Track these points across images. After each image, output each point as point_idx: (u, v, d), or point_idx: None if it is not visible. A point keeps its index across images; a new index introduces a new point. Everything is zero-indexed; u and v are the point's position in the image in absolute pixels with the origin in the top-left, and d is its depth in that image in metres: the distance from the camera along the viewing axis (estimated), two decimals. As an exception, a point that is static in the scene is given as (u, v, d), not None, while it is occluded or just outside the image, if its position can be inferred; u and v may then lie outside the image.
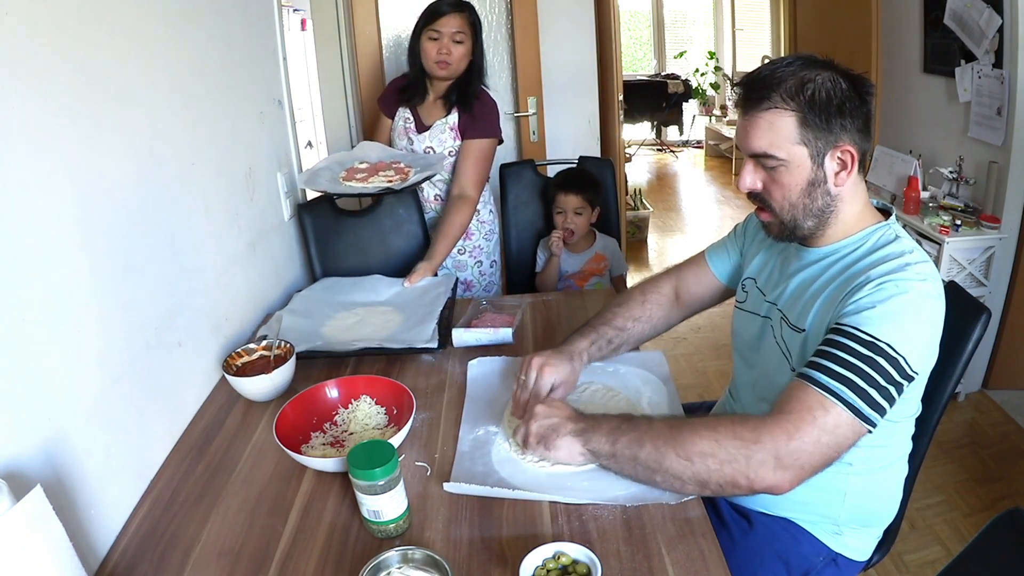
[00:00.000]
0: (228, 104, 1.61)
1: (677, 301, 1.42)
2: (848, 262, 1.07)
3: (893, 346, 0.94)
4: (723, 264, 1.39)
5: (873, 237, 1.08)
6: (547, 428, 1.07)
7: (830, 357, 0.96)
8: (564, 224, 2.25)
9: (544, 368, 1.21)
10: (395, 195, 2.05)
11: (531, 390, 1.21)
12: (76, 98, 1.02)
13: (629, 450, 0.99)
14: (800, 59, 1.04)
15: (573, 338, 1.32)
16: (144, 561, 0.99)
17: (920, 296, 0.97)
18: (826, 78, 1.01)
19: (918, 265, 1.00)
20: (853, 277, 1.03)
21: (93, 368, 1.03)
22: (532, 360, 1.23)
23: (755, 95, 1.04)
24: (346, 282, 1.86)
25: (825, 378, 0.95)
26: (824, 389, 0.94)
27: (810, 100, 1.00)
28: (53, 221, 0.96)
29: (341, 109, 2.96)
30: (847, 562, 1.18)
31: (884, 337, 0.94)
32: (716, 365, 3.03)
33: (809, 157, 1.03)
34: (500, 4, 2.94)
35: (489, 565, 0.93)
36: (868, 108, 1.03)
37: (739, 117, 1.09)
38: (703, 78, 7.05)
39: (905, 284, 0.97)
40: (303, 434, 1.21)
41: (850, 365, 0.94)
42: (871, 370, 0.94)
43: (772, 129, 1.03)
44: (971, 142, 2.57)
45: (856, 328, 0.96)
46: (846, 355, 0.95)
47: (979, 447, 2.33)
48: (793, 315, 1.12)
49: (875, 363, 0.94)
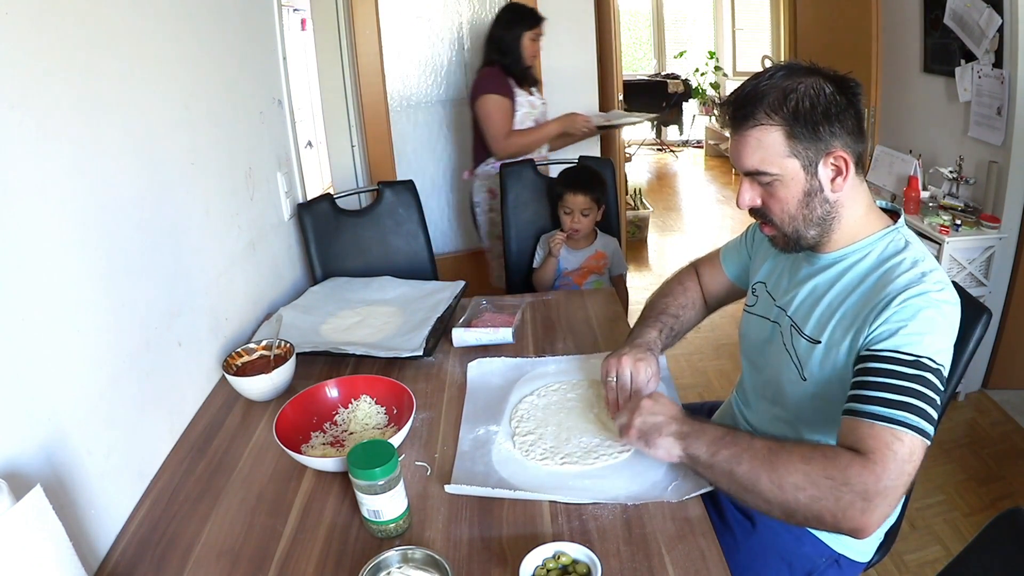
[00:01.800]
0: (228, 104, 1.61)
1: (702, 295, 1.44)
2: (861, 272, 1.06)
3: (933, 359, 0.94)
4: (734, 265, 1.39)
5: (883, 243, 1.07)
6: (651, 426, 1.05)
7: (882, 387, 0.94)
8: (571, 224, 2.24)
9: (638, 364, 1.19)
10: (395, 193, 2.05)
11: (632, 387, 1.18)
12: (76, 98, 1.02)
13: (728, 465, 0.97)
14: (782, 69, 1.03)
15: (641, 331, 1.30)
16: (144, 561, 0.99)
17: (942, 305, 0.97)
18: (809, 85, 1.00)
19: (933, 273, 0.99)
20: (872, 293, 1.02)
21: (93, 368, 1.03)
22: (622, 359, 1.20)
23: (740, 113, 1.03)
24: (357, 282, 1.87)
25: (886, 410, 0.92)
26: (891, 421, 0.92)
27: (794, 111, 0.99)
28: (53, 221, 0.96)
29: (341, 109, 2.96)
30: (849, 563, 1.18)
31: (924, 353, 0.94)
32: (716, 365, 3.03)
33: (802, 168, 1.02)
34: (500, 4, 2.94)
35: (489, 565, 0.93)
36: (857, 109, 1.02)
37: (730, 136, 1.09)
38: (703, 78, 7.04)
39: (928, 297, 0.96)
40: (303, 434, 1.21)
41: (905, 390, 0.93)
42: (923, 388, 0.93)
43: (761, 146, 1.02)
44: (971, 142, 2.57)
45: (897, 352, 0.95)
46: (896, 380, 0.93)
47: (979, 447, 2.33)
48: (807, 325, 1.10)
49: (924, 380, 0.93)
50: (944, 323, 0.97)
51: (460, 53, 3.02)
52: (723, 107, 1.08)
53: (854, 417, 0.94)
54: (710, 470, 1.00)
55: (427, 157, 3.10)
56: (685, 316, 1.39)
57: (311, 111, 4.20)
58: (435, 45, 2.98)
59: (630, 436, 1.07)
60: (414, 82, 3.01)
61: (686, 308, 1.40)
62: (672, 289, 1.43)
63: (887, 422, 0.91)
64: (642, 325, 1.34)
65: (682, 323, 1.38)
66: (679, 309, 1.38)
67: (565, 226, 2.27)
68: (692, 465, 1.02)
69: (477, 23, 2.99)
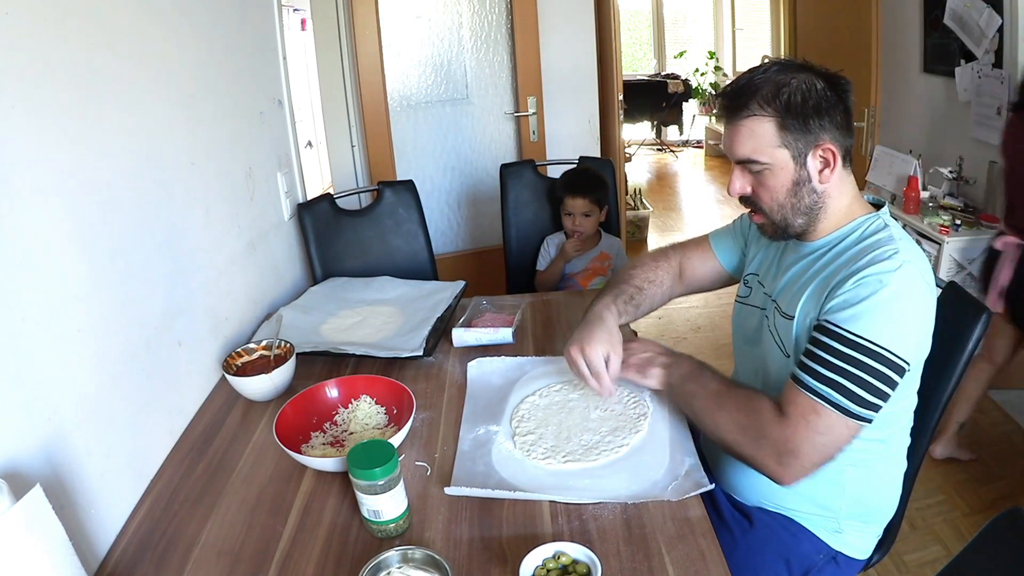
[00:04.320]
0: (228, 104, 1.61)
1: (680, 277, 1.43)
2: (837, 252, 1.09)
3: (878, 342, 0.96)
4: (730, 254, 1.40)
5: (861, 227, 1.09)
6: (644, 360, 1.23)
7: (816, 359, 1.00)
8: (573, 226, 2.24)
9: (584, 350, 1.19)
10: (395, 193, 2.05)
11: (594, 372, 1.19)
12: (76, 98, 1.02)
13: (688, 398, 1.16)
14: (776, 65, 1.08)
15: (592, 304, 1.30)
16: (144, 561, 0.99)
17: (903, 286, 0.98)
18: (801, 80, 1.04)
19: (901, 253, 1.00)
20: (839, 269, 1.05)
21: (93, 368, 1.03)
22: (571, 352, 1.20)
23: (734, 104, 1.08)
24: (357, 282, 1.87)
25: (813, 381, 0.99)
26: (813, 393, 0.99)
27: (786, 104, 1.03)
28: (53, 221, 0.96)
29: (341, 109, 2.96)
30: (847, 560, 1.19)
31: (868, 335, 0.96)
32: (716, 365, 2.99)
33: (791, 158, 1.06)
34: (500, 4, 2.94)
35: (489, 565, 0.93)
36: (846, 105, 1.06)
37: (723, 126, 1.13)
38: (703, 78, 7.04)
39: (887, 276, 0.98)
40: (303, 434, 1.21)
41: (835, 367, 0.97)
42: (857, 370, 0.96)
43: (753, 135, 1.06)
44: (971, 142, 2.57)
45: (840, 327, 0.98)
46: (831, 357, 0.98)
47: (979, 447, 2.33)
48: (784, 303, 1.14)
49: (861, 363, 0.96)
50: (900, 306, 0.98)
51: (460, 53, 3.02)
52: (719, 98, 1.13)
53: (791, 380, 1.03)
54: (679, 397, 1.19)
55: (427, 157, 3.10)
56: (650, 291, 1.38)
57: (311, 111, 4.20)
58: (435, 45, 2.98)
59: (629, 372, 1.22)
60: (414, 82, 3.00)
61: (652, 284, 1.38)
62: (643, 262, 1.43)
63: (811, 393, 0.99)
64: (600, 293, 1.34)
65: (644, 296, 1.37)
66: (643, 282, 1.38)
67: (567, 229, 2.27)
68: (668, 391, 1.21)
69: (477, 23, 2.99)
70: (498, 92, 3.06)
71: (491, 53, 3.01)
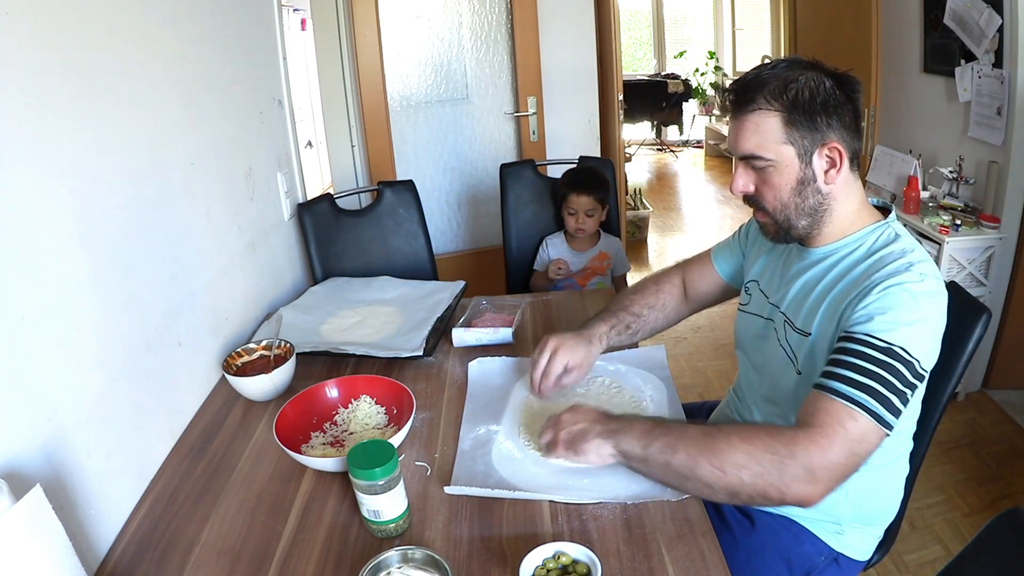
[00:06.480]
0: (228, 104, 1.61)
1: (685, 296, 1.44)
2: (850, 263, 1.08)
3: (907, 349, 0.95)
4: (727, 263, 1.39)
5: (872, 236, 1.08)
6: (575, 434, 1.05)
7: (849, 367, 0.95)
8: (576, 225, 2.25)
9: (558, 350, 1.23)
10: (395, 193, 2.04)
11: (542, 370, 1.23)
12: (76, 98, 1.02)
13: (662, 456, 0.98)
14: (785, 62, 1.06)
15: (592, 322, 1.33)
16: (144, 561, 0.99)
17: (924, 296, 0.97)
18: (809, 78, 1.03)
19: (920, 264, 1.00)
20: (858, 281, 1.03)
21: (93, 368, 1.03)
22: (547, 341, 1.25)
23: (741, 98, 1.06)
24: (357, 282, 1.87)
25: (849, 389, 0.94)
26: (849, 400, 0.94)
27: (793, 100, 1.02)
28: (53, 221, 0.96)
29: (341, 109, 2.96)
30: (848, 561, 1.18)
31: (897, 342, 0.95)
32: (716, 365, 3.03)
33: (797, 156, 1.04)
34: (500, 4, 2.94)
35: (489, 565, 0.93)
36: (855, 105, 1.04)
37: (729, 121, 1.11)
38: (703, 78, 7.04)
39: (910, 287, 0.97)
40: (303, 434, 1.21)
41: (870, 373, 0.94)
42: (890, 375, 0.94)
43: (759, 131, 1.05)
44: (971, 142, 2.57)
45: (870, 335, 0.96)
46: (865, 363, 0.95)
47: (979, 447, 2.33)
48: (798, 319, 1.11)
49: (892, 368, 0.94)
50: (923, 316, 0.97)
51: (460, 53, 3.02)
52: (725, 93, 1.11)
53: (818, 391, 0.97)
54: (644, 463, 1.00)
55: (427, 157, 3.10)
56: (649, 317, 1.40)
57: (311, 111, 4.21)
58: (435, 45, 2.98)
59: (557, 450, 1.07)
60: (414, 82, 3.00)
61: (654, 309, 1.40)
62: (644, 287, 1.44)
63: (846, 400, 0.94)
64: (596, 316, 1.37)
65: (643, 323, 1.39)
66: (643, 308, 1.39)
67: (570, 227, 2.27)
68: (627, 462, 1.03)
69: (477, 23, 2.99)
70: (498, 92, 3.07)
71: (491, 53, 3.01)
